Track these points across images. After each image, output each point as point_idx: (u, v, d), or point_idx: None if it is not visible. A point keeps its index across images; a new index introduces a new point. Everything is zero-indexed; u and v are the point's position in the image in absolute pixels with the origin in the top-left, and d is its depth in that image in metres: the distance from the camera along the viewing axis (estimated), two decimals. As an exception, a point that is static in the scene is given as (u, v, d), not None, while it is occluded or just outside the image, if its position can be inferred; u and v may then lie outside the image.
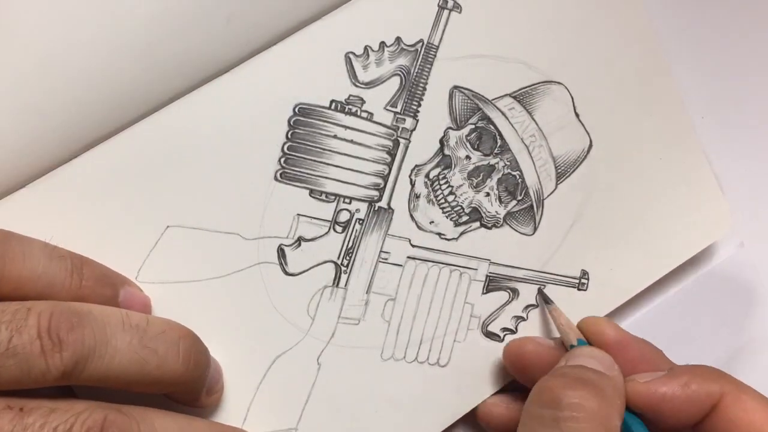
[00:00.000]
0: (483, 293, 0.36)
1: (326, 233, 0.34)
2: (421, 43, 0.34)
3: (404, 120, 0.34)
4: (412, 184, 0.35)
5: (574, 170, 0.37)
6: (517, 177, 0.36)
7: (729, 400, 0.30)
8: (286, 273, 0.33)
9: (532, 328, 0.37)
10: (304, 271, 0.34)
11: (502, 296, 0.37)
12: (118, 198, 0.31)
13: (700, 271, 0.42)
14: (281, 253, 0.33)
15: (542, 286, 0.37)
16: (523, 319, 0.37)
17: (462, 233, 0.36)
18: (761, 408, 0.30)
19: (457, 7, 0.34)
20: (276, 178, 0.33)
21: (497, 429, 0.35)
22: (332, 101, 0.33)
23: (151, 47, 0.30)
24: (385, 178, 0.34)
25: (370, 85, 0.33)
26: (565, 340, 0.34)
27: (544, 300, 0.37)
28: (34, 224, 0.30)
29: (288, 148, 0.33)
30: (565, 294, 0.38)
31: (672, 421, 0.31)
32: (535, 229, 0.37)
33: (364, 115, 0.33)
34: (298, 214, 0.33)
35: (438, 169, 0.35)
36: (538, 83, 0.36)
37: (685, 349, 0.39)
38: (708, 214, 0.40)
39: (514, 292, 0.37)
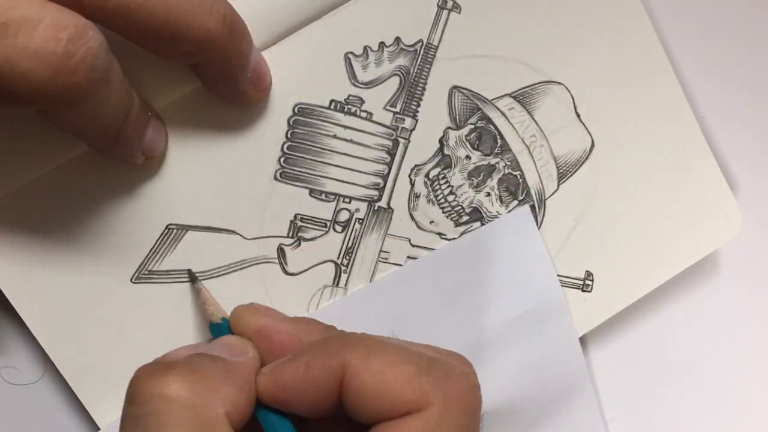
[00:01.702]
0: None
1: (326, 233, 0.34)
2: (420, 43, 0.34)
3: (404, 120, 0.34)
4: (412, 184, 0.35)
5: (576, 170, 0.37)
6: (518, 177, 0.36)
7: (354, 369, 0.25)
8: (286, 273, 0.34)
9: (533, 329, 0.37)
10: (303, 271, 0.34)
11: (503, 297, 0.36)
12: (118, 197, 0.31)
13: (706, 271, 0.42)
14: (281, 252, 0.33)
15: (322, 235, 0.34)
16: None
17: (462, 233, 0.36)
18: (390, 368, 0.25)
19: (456, 7, 0.34)
20: (276, 178, 0.33)
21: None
22: (332, 101, 0.33)
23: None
24: (385, 177, 0.34)
25: (370, 85, 0.33)
26: (208, 317, 0.31)
27: (191, 279, 0.33)
28: (33, 221, 0.31)
29: (288, 148, 0.33)
30: (570, 295, 0.37)
31: (305, 408, 0.26)
32: (537, 229, 0.37)
33: (364, 114, 0.34)
34: (298, 214, 0.33)
35: (438, 169, 0.35)
36: (538, 83, 0.36)
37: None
38: (718, 215, 0.39)
39: (516, 293, 0.37)
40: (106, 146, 0.28)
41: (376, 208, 0.34)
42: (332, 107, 0.33)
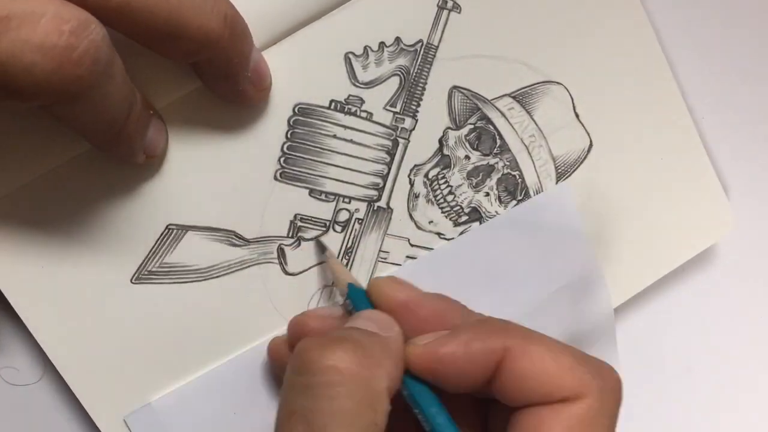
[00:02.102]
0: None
1: (326, 233, 0.34)
2: (420, 43, 0.34)
3: (403, 120, 0.34)
4: (411, 184, 0.35)
5: (574, 170, 0.37)
6: (517, 177, 0.36)
7: (515, 354, 0.26)
8: (286, 273, 0.34)
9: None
10: (303, 271, 0.34)
11: (501, 296, 0.37)
12: (118, 197, 0.31)
13: (702, 269, 0.42)
14: (281, 252, 0.33)
15: (321, 234, 0.34)
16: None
17: (461, 233, 0.36)
18: (549, 355, 0.26)
19: (456, 7, 0.34)
20: (276, 178, 0.33)
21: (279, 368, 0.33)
22: (332, 101, 0.33)
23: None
24: (385, 177, 0.34)
25: (370, 85, 0.33)
26: (339, 286, 0.31)
27: (319, 247, 0.34)
28: (33, 222, 0.31)
29: (288, 148, 0.33)
30: (566, 294, 0.38)
31: (458, 383, 0.27)
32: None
33: (364, 114, 0.34)
34: (298, 214, 0.33)
35: (437, 169, 0.35)
36: (538, 83, 0.36)
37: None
38: (710, 215, 0.40)
39: (514, 292, 0.37)
40: (108, 144, 0.28)
41: (375, 208, 0.34)
42: (332, 107, 0.33)
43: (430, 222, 0.35)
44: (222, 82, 0.30)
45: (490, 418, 0.29)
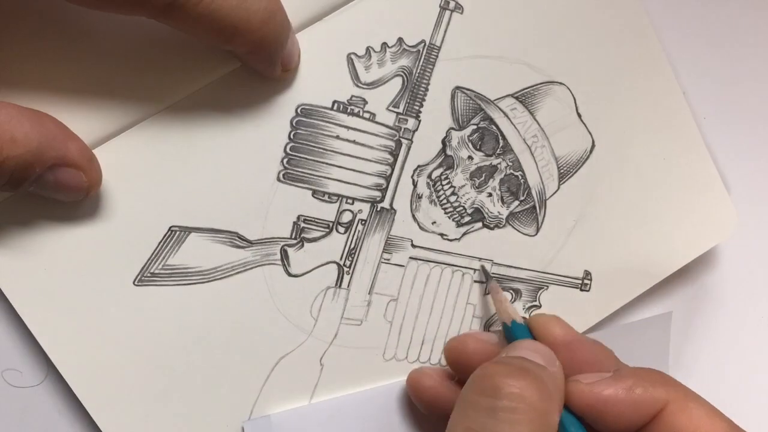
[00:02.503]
0: (485, 294, 0.36)
1: (329, 234, 0.34)
2: (423, 44, 0.34)
3: (406, 120, 0.34)
4: (415, 185, 0.35)
5: (576, 170, 0.37)
6: (520, 177, 0.36)
7: (674, 407, 0.29)
8: (289, 274, 0.34)
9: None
10: (306, 272, 0.34)
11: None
12: (120, 199, 0.31)
13: (703, 269, 0.42)
14: (284, 254, 0.33)
15: (482, 264, 0.35)
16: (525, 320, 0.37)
17: (464, 234, 0.36)
18: (707, 417, 0.29)
19: (458, 7, 0.34)
20: (279, 179, 0.33)
21: (422, 400, 0.34)
22: (334, 102, 0.33)
23: (155, 51, 0.30)
24: (388, 178, 0.34)
25: (373, 85, 0.33)
26: (501, 317, 0.33)
27: (485, 275, 0.36)
28: (35, 223, 0.30)
29: (290, 149, 0.33)
30: (568, 294, 0.38)
31: (614, 425, 0.29)
32: (538, 229, 0.37)
33: (367, 115, 0.33)
34: (301, 215, 0.33)
35: (440, 170, 0.35)
36: (540, 84, 0.36)
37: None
38: (713, 215, 0.40)
39: (517, 293, 0.37)
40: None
41: (378, 208, 0.34)
42: (335, 108, 0.33)
43: (433, 223, 0.35)
44: (252, 61, 0.30)
45: None
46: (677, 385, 0.30)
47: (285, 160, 0.33)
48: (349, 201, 0.34)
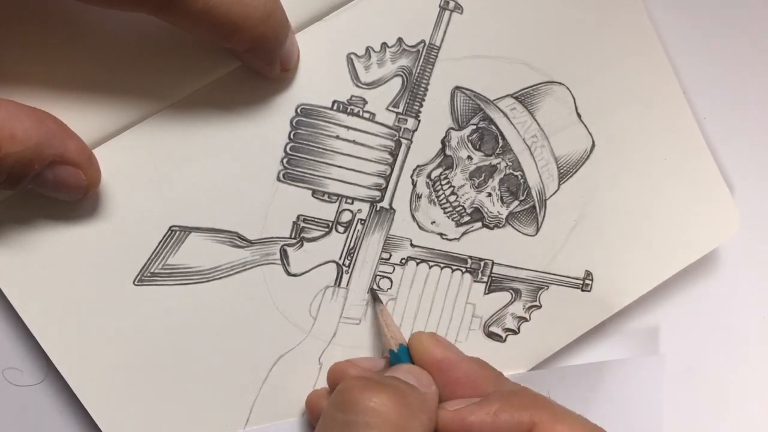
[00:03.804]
0: (485, 294, 0.36)
1: (328, 233, 0.34)
2: (422, 44, 0.34)
3: (406, 120, 0.34)
4: (414, 185, 0.35)
5: (576, 170, 0.37)
6: (519, 177, 0.36)
7: (541, 430, 0.28)
8: (289, 273, 0.34)
9: (534, 329, 0.37)
10: (306, 272, 0.34)
11: (504, 297, 0.37)
12: (120, 198, 0.31)
13: (704, 269, 0.42)
14: (284, 253, 0.33)
15: (373, 287, 0.35)
16: (526, 320, 0.37)
17: (464, 233, 0.36)
18: None
19: (458, 7, 0.34)
20: (278, 179, 0.33)
21: (315, 419, 0.33)
22: (334, 102, 0.33)
23: (155, 50, 0.31)
24: (387, 178, 0.34)
25: (372, 85, 0.33)
26: (386, 343, 0.33)
27: (373, 298, 0.35)
28: (35, 223, 0.30)
29: (290, 149, 0.33)
30: (569, 295, 0.38)
31: None
32: (538, 229, 0.37)
33: (366, 115, 0.34)
34: (301, 215, 0.33)
35: (440, 170, 0.35)
36: (540, 84, 0.36)
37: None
38: (716, 216, 0.40)
39: (517, 293, 0.37)
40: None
41: (378, 208, 0.34)
42: (335, 108, 0.33)
43: (433, 222, 0.35)
44: (251, 60, 0.31)
45: None
46: (547, 406, 0.29)
47: (285, 160, 0.33)
48: (349, 201, 0.34)
